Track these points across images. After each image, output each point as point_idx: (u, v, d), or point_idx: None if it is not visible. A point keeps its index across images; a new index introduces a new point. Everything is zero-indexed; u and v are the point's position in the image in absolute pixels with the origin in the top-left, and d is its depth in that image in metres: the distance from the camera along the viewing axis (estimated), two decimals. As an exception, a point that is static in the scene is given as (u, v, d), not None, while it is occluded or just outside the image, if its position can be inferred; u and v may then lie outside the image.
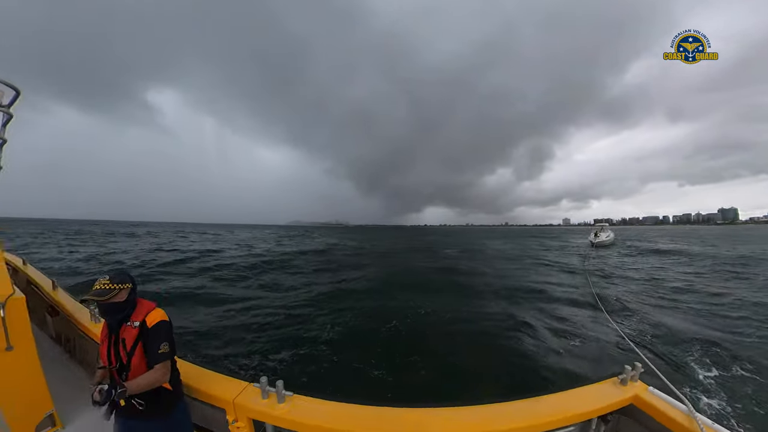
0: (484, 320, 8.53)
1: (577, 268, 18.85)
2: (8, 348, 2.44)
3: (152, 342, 1.90)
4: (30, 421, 2.58)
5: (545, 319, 8.71)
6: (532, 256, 26.88)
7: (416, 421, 1.96)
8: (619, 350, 6.87)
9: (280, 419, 2.05)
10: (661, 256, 26.26)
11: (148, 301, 2.09)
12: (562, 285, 13.87)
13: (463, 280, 14.90)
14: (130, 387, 1.74)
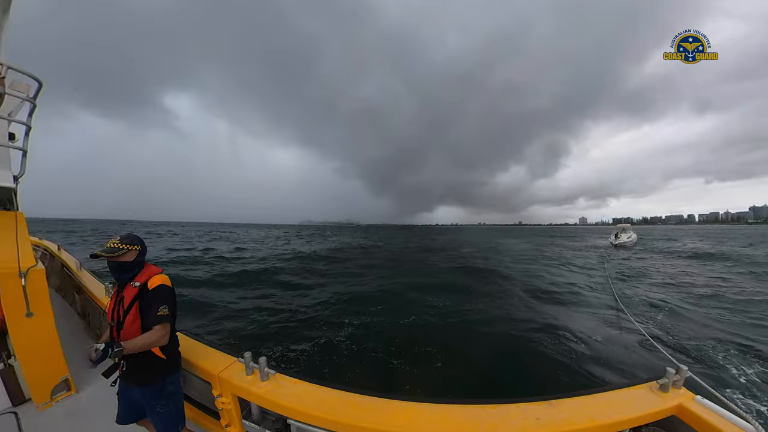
0: (501, 320, 8.36)
1: (596, 270, 17.59)
2: (28, 314, 2.67)
3: (151, 303, 1.90)
4: (47, 384, 2.81)
5: (566, 322, 8.28)
6: (548, 257, 25.36)
7: (404, 414, 1.76)
8: (646, 354, 6.33)
9: (261, 398, 2.00)
10: (702, 260, 22.87)
11: (156, 267, 2.09)
12: (582, 288, 12.98)
13: (477, 278, 14.46)
14: (126, 346, 1.73)
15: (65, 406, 2.82)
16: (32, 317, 2.70)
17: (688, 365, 1.80)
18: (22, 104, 3.22)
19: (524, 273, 16.37)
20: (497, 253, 28.03)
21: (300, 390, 1.98)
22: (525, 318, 8.46)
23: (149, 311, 1.88)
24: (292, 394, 1.94)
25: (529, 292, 11.83)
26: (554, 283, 13.87)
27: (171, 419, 2.04)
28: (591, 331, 7.54)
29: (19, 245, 2.73)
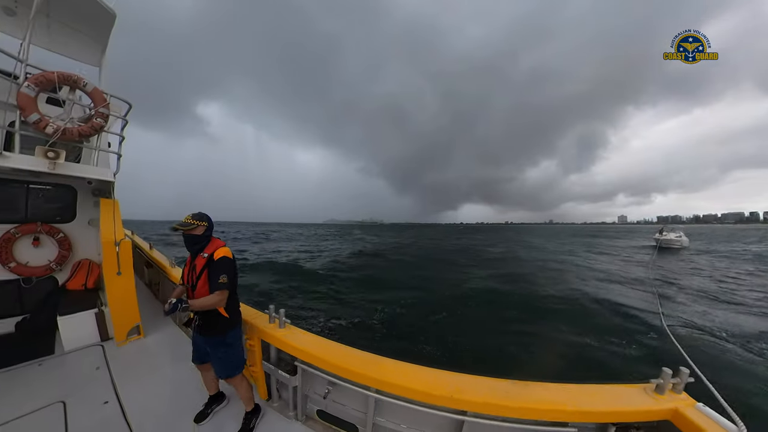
0: (526, 323, 8.31)
1: (639, 278, 14.60)
2: (118, 273, 3.62)
3: (214, 272, 2.19)
4: (125, 326, 3.71)
5: (595, 333, 7.58)
6: (579, 260, 22.50)
7: (384, 367, 2.06)
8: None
9: (278, 340, 2.49)
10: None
11: (221, 241, 2.37)
12: (619, 297, 10.97)
13: (505, 281, 13.87)
14: (192, 303, 2.11)
15: (135, 345, 3.70)
16: (120, 276, 3.65)
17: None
18: (116, 120, 4.28)
19: (548, 279, 14.25)
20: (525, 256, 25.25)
21: (308, 339, 2.47)
22: (550, 323, 8.28)
23: (214, 278, 2.17)
24: (301, 341, 2.43)
25: (552, 299, 10.62)
26: (580, 290, 11.86)
27: (227, 365, 2.38)
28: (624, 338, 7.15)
29: (115, 223, 3.72)
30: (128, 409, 2.58)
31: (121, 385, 2.89)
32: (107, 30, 4.07)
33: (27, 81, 3.15)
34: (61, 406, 2.55)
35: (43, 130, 3.24)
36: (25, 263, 3.84)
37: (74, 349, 3.45)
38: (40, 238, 3.97)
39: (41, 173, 3.34)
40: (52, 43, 4.09)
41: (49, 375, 3.01)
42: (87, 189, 4.35)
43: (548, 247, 34.07)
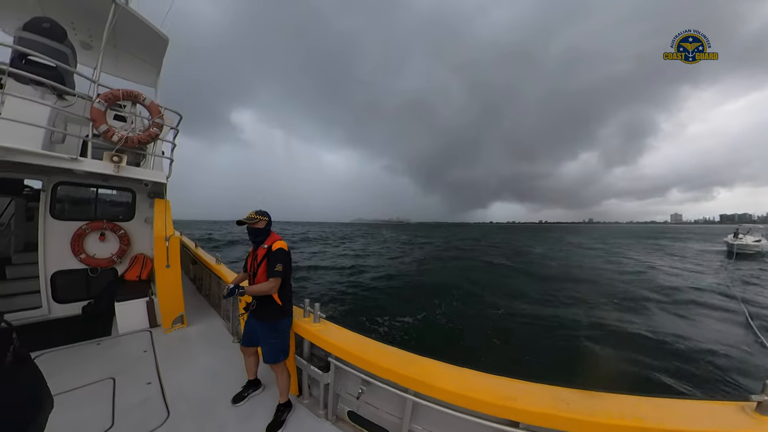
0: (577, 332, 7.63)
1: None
2: (167, 266, 3.98)
3: (271, 261, 2.37)
4: (170, 315, 4.03)
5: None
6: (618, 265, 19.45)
7: (424, 367, 1.93)
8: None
9: (312, 335, 2.50)
10: None
11: (278, 235, 2.58)
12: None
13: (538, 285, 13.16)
14: (248, 289, 2.32)
15: (179, 333, 4.00)
16: (169, 269, 4.00)
17: None
18: (169, 130, 4.77)
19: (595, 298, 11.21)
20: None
21: (342, 335, 2.42)
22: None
23: (271, 266, 2.36)
24: (335, 336, 2.38)
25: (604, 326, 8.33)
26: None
27: (276, 350, 2.47)
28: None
29: (166, 221, 4.11)
30: (167, 390, 2.77)
31: (163, 368, 3.12)
32: (161, 54, 4.66)
33: (98, 97, 3.67)
34: (111, 382, 2.82)
35: (110, 138, 3.72)
36: (93, 255, 4.37)
37: (127, 333, 3.82)
38: (105, 234, 4.52)
39: (108, 176, 3.83)
40: (118, 69, 4.78)
41: (105, 354, 3.36)
42: (144, 191, 4.88)
43: (606, 251, 29.75)
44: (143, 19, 4.15)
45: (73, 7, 3.99)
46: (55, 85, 3.46)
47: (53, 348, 3.39)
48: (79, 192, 4.44)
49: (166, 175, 4.44)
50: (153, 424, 2.34)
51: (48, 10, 3.88)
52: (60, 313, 4.18)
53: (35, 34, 3.34)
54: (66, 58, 3.58)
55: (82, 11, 4.05)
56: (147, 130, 4.09)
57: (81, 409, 2.49)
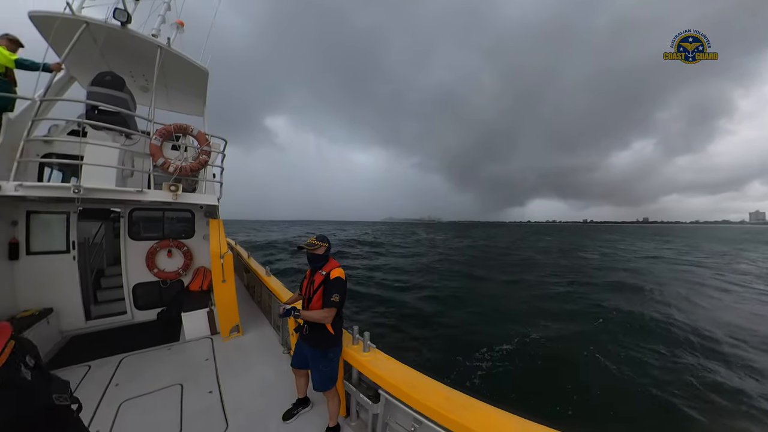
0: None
1: None
2: (223, 281, 4.36)
3: (328, 290, 2.35)
4: (228, 324, 4.44)
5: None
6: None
7: (485, 417, 1.78)
8: None
9: (361, 364, 2.43)
10: None
11: (337, 261, 2.56)
12: None
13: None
14: (303, 314, 2.36)
15: (235, 341, 4.39)
16: (224, 283, 4.39)
17: None
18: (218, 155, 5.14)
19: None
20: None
21: (391, 366, 2.33)
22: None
23: (327, 295, 2.35)
24: (386, 367, 2.30)
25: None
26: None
27: (326, 378, 2.46)
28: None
29: (220, 239, 4.49)
30: (226, 400, 2.98)
31: (223, 377, 3.40)
32: (204, 84, 5.03)
33: (155, 134, 4.10)
34: (179, 388, 3.18)
35: (167, 170, 4.14)
36: (163, 269, 4.99)
37: (192, 339, 4.32)
38: (172, 251, 5.11)
39: (170, 203, 4.29)
40: (171, 104, 5.29)
41: (174, 358, 3.83)
42: (201, 212, 5.39)
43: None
44: (185, 57, 4.50)
45: (129, 57, 4.48)
46: (120, 129, 3.95)
47: (135, 351, 3.97)
48: (149, 215, 5.07)
49: (217, 197, 4.85)
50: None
51: (111, 63, 4.42)
52: (140, 318, 4.89)
53: (100, 86, 3.80)
54: (126, 103, 4.03)
55: (136, 59, 4.52)
56: (197, 158, 4.48)
57: (155, 413, 2.83)
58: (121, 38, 4.11)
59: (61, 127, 4.53)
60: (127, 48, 4.28)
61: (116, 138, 4.24)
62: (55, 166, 4.70)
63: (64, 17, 3.64)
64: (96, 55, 4.22)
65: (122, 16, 3.79)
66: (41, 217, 4.26)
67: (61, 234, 4.36)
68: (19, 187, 3.27)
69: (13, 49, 3.63)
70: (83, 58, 4.20)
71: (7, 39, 3.61)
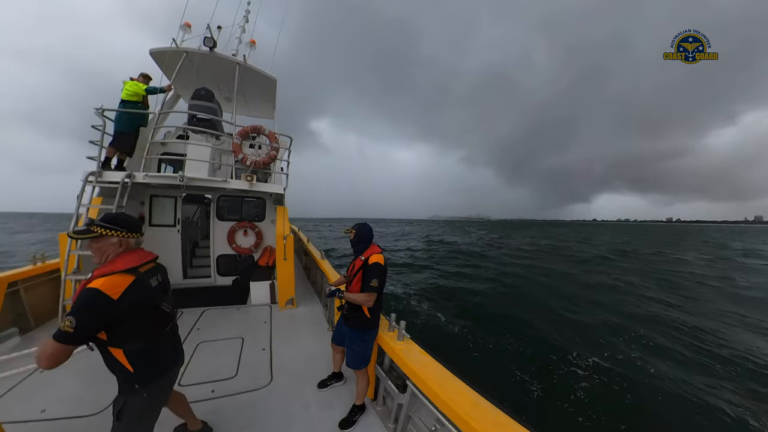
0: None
1: None
2: (284, 259, 5.06)
3: (367, 275, 2.44)
4: (285, 297, 5.14)
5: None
6: None
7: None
8: None
9: (394, 352, 2.44)
10: None
11: (378, 248, 2.62)
12: None
13: None
14: (346, 295, 2.48)
15: (290, 312, 5.04)
16: (285, 261, 5.10)
17: None
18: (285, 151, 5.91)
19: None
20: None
21: (423, 360, 2.27)
22: None
23: (366, 280, 2.44)
24: (418, 360, 2.26)
25: None
26: None
27: (359, 358, 2.55)
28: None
29: (284, 224, 5.22)
30: (274, 359, 3.38)
31: (275, 340, 3.89)
32: (274, 91, 5.85)
33: (236, 134, 4.96)
34: (241, 341, 3.87)
35: (245, 163, 4.99)
36: (239, 245, 6.00)
37: (256, 304, 5.15)
38: (247, 231, 6.09)
39: (246, 191, 5.16)
40: (249, 110, 6.29)
41: (241, 317, 4.64)
42: (270, 199, 6.28)
43: None
44: (257, 69, 5.34)
45: (216, 74, 5.51)
46: (211, 131, 4.92)
47: (215, 306, 4.94)
48: (232, 201, 6.12)
49: (284, 186, 5.62)
50: (260, 384, 2.98)
51: (203, 80, 5.51)
52: (220, 283, 5.99)
53: (197, 99, 4.79)
54: (215, 111, 4.98)
55: (222, 75, 5.53)
56: (268, 154, 5.27)
57: (220, 356, 3.43)
58: (210, 60, 5.11)
59: (172, 132, 5.76)
60: (214, 67, 5.30)
61: (209, 139, 5.25)
62: (168, 162, 6.01)
63: (172, 50, 4.73)
64: (193, 75, 5.34)
65: (210, 42, 4.78)
66: (159, 200, 5.52)
67: (171, 213, 5.59)
68: (146, 176, 4.36)
69: (146, 82, 4.80)
70: (184, 78, 5.35)
71: (143, 75, 4.79)
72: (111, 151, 4.49)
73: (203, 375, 3.07)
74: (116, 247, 1.58)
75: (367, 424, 2.56)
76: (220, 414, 2.55)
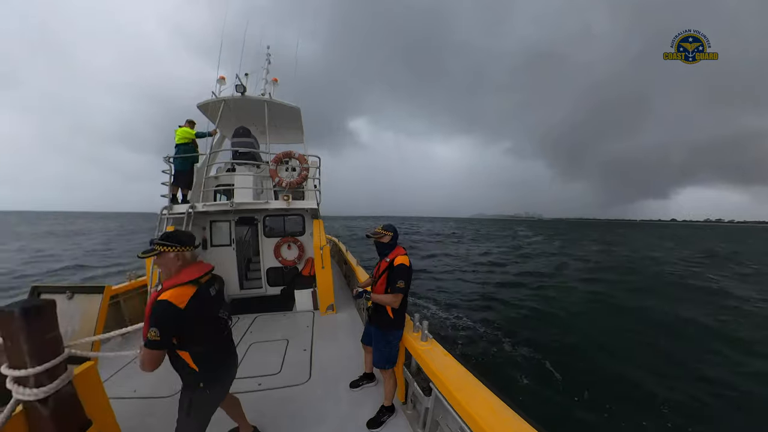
0: None
1: None
2: (323, 267, 5.52)
3: (393, 276, 2.46)
4: (325, 303, 5.55)
5: None
6: None
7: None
8: None
9: (416, 352, 2.45)
10: None
11: (402, 249, 2.62)
12: None
13: None
14: (373, 296, 2.53)
15: (330, 317, 5.25)
16: (323, 270, 5.55)
17: None
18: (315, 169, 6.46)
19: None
20: None
21: (446, 362, 2.25)
22: None
23: (392, 281, 2.46)
24: (441, 362, 2.24)
25: None
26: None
27: (384, 357, 2.59)
28: None
29: (320, 236, 5.72)
30: (314, 360, 3.72)
31: (316, 342, 4.24)
32: (299, 119, 6.62)
33: (271, 161, 5.64)
34: (286, 342, 4.32)
35: (281, 185, 5.63)
36: (285, 258, 6.66)
37: (301, 311, 5.67)
38: (290, 245, 6.75)
39: (285, 209, 5.80)
40: (282, 138, 7.07)
41: (287, 322, 5.16)
42: (308, 214, 6.88)
43: None
44: (282, 103, 6.19)
45: (250, 112, 6.46)
46: (251, 162, 5.69)
47: (265, 313, 5.57)
48: (275, 219, 6.87)
49: (317, 201, 6.16)
50: (299, 380, 3.30)
51: (240, 119, 6.53)
52: (270, 292, 6.68)
53: (237, 137, 5.65)
54: (252, 144, 5.79)
55: (253, 113, 6.49)
56: (300, 174, 5.86)
57: (268, 356, 3.88)
58: (243, 103, 6.07)
59: (222, 167, 6.75)
60: (247, 107, 6.29)
61: (251, 169, 6.04)
62: (222, 192, 7.00)
63: (213, 101, 5.82)
64: (232, 117, 6.42)
65: (241, 89, 5.78)
66: (217, 224, 6.45)
67: (227, 234, 6.48)
68: (204, 206, 5.21)
69: (192, 127, 5.85)
70: (225, 119, 6.41)
71: (189, 122, 5.86)
72: (174, 189, 5.47)
73: (253, 370, 3.53)
74: (175, 261, 1.72)
75: (396, 427, 2.56)
76: (264, 404, 2.93)
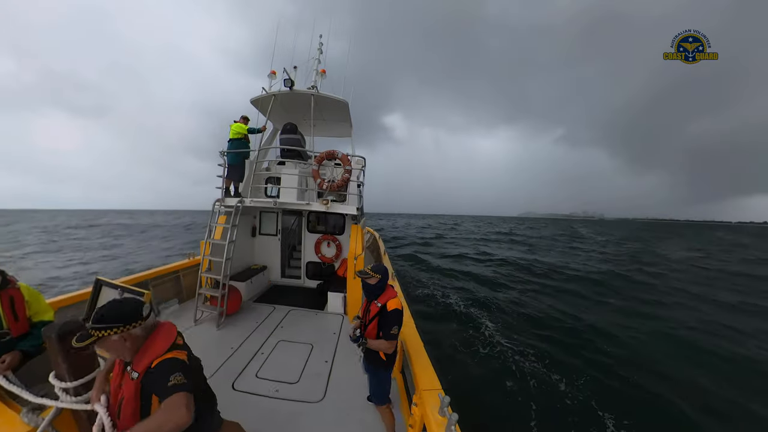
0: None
1: None
2: (354, 277, 5.33)
3: (386, 322, 2.40)
4: (353, 312, 5.37)
5: None
6: None
7: None
8: None
9: (429, 424, 2.00)
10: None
11: (394, 291, 2.56)
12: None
13: None
14: (370, 343, 2.46)
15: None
16: (355, 279, 5.37)
17: None
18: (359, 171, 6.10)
19: None
20: None
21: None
22: None
23: (386, 327, 2.40)
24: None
25: None
26: None
27: (377, 395, 2.65)
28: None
29: (356, 242, 5.50)
30: (332, 376, 3.55)
31: (338, 354, 4.10)
32: (347, 112, 6.24)
33: (313, 161, 5.46)
34: (310, 347, 4.27)
35: (322, 187, 5.46)
36: (324, 255, 6.69)
37: (330, 313, 5.63)
38: (330, 243, 6.73)
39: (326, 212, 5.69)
40: (329, 132, 6.76)
41: (316, 322, 5.15)
42: (348, 216, 6.70)
43: None
44: (330, 96, 5.85)
45: (298, 106, 6.24)
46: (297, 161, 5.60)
47: (298, 307, 5.66)
48: (319, 215, 6.87)
49: (357, 206, 5.88)
50: (313, 398, 3.16)
51: (289, 112, 6.34)
52: (308, 285, 6.85)
53: (285, 133, 5.54)
54: (298, 141, 5.64)
55: (302, 106, 6.21)
56: (342, 176, 5.59)
57: (292, 358, 3.86)
58: (291, 96, 5.87)
59: (273, 160, 6.82)
60: (296, 101, 6.10)
61: (296, 165, 5.97)
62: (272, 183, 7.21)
63: (263, 96, 5.68)
64: (282, 111, 6.26)
65: (289, 83, 5.54)
66: (266, 214, 6.72)
67: (273, 224, 6.73)
68: (251, 201, 5.36)
69: (245, 122, 5.86)
70: (276, 113, 6.33)
71: (243, 117, 5.88)
72: (227, 182, 5.70)
73: (275, 373, 3.54)
74: (122, 343, 1.41)
75: None
76: (275, 414, 2.90)
